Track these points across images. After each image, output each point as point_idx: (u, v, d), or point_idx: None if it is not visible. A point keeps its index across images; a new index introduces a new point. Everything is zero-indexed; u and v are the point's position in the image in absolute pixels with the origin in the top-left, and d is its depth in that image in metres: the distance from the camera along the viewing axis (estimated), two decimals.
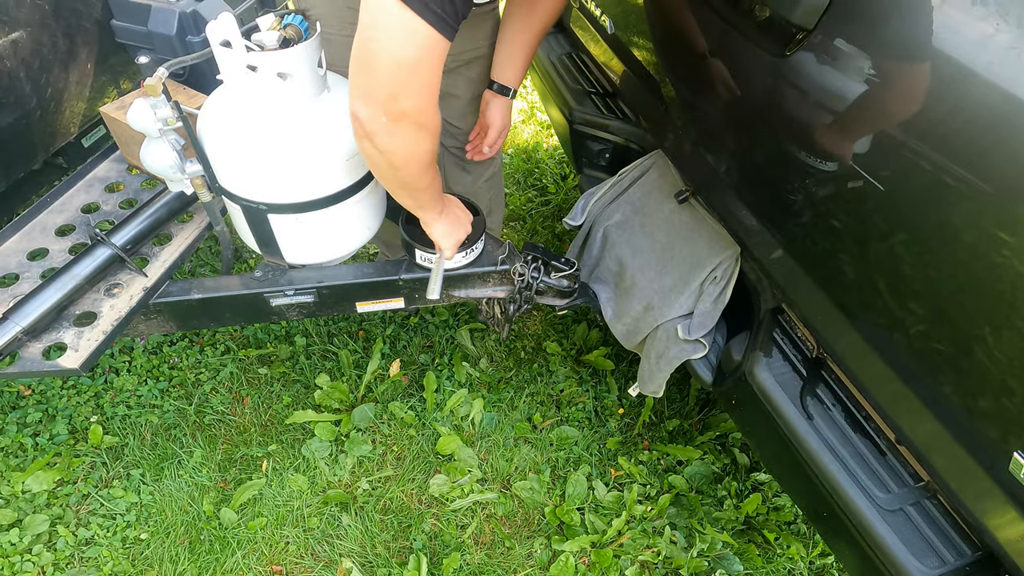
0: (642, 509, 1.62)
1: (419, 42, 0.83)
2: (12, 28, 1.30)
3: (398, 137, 0.95)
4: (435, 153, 1.02)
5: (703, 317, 1.28)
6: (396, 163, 1.00)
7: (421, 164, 1.02)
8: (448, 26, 0.84)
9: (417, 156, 0.99)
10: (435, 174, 1.10)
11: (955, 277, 0.78)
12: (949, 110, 0.75)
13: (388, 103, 0.90)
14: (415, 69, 0.87)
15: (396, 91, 0.88)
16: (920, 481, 0.98)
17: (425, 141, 0.97)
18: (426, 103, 0.92)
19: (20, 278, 1.26)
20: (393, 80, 0.87)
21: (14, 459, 1.60)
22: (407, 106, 0.90)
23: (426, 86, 0.90)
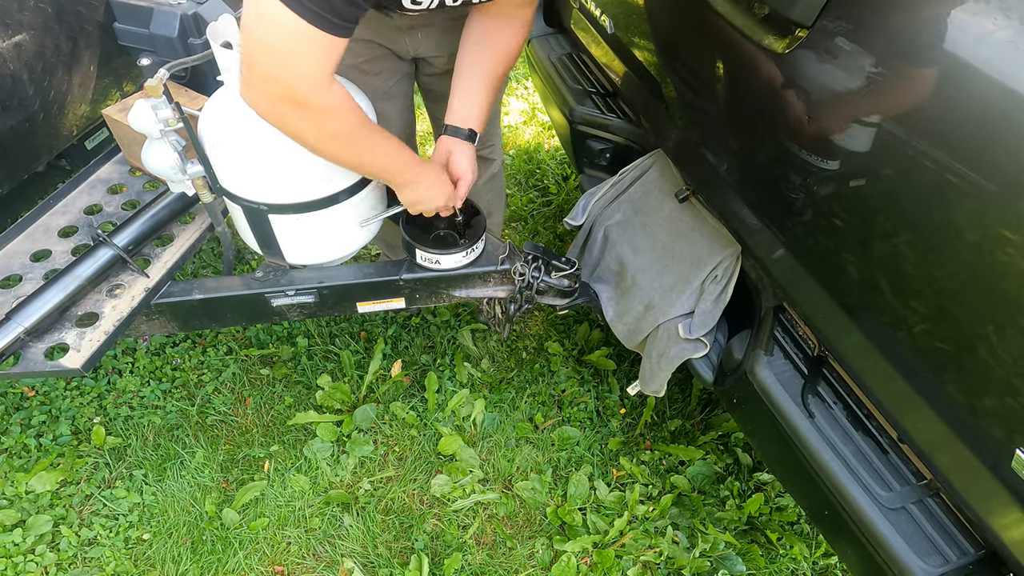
0: (644, 509, 1.62)
1: (283, 28, 0.83)
2: (16, 31, 1.31)
3: (282, 118, 0.95)
4: (349, 126, 0.99)
5: (704, 316, 1.28)
6: (300, 141, 1.01)
7: (327, 141, 1.00)
8: (319, 17, 0.83)
9: (315, 134, 0.98)
10: (372, 146, 1.06)
11: (958, 275, 0.78)
12: (950, 106, 0.75)
13: (261, 86, 0.91)
14: (282, 54, 0.86)
15: (266, 74, 0.89)
16: (922, 479, 0.98)
17: (314, 120, 0.95)
18: (303, 87, 0.90)
19: (23, 279, 1.26)
20: (262, 64, 0.88)
21: (18, 460, 1.61)
22: (279, 89, 0.90)
23: (299, 73, 0.89)
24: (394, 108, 1.49)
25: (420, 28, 1.34)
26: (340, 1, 0.83)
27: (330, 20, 0.84)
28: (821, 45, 0.88)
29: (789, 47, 0.92)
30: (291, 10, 0.81)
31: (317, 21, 0.83)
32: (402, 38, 1.35)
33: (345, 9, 0.84)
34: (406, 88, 1.50)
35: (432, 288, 1.39)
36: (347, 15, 0.85)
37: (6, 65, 1.31)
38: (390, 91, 1.44)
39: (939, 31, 0.75)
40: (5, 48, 1.29)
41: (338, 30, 0.86)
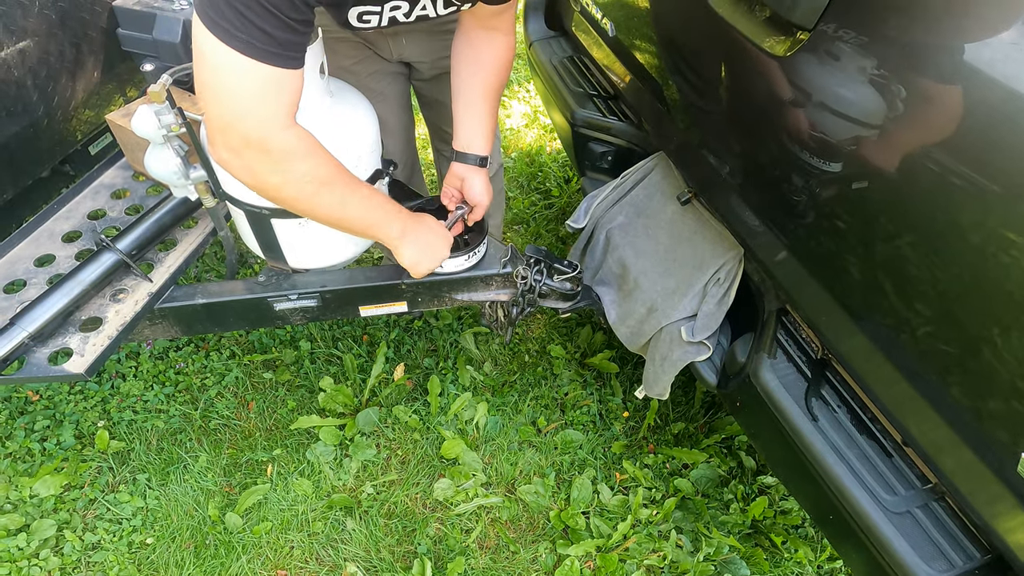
0: (647, 513, 1.61)
1: (227, 68, 0.79)
2: (20, 37, 1.31)
3: (250, 171, 0.90)
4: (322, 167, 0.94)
5: (707, 319, 1.28)
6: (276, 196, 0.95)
7: (303, 190, 0.94)
8: (259, 50, 0.78)
9: (288, 182, 0.92)
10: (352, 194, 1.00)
11: (962, 277, 0.77)
12: (952, 108, 0.74)
13: (221, 137, 0.87)
14: (232, 97, 0.82)
15: (222, 123, 0.85)
16: (927, 483, 0.97)
17: (282, 164, 0.90)
18: (259, 129, 0.85)
19: (27, 284, 1.27)
20: (216, 113, 0.85)
21: (22, 464, 1.61)
22: (237, 135, 0.85)
23: (253, 113, 0.84)
24: (389, 110, 1.49)
25: (403, 34, 1.34)
26: (278, 30, 0.79)
27: (272, 51, 0.80)
28: (823, 48, 0.88)
29: (790, 50, 0.92)
30: (231, 48, 0.77)
31: (259, 55, 0.79)
32: (384, 41, 1.36)
33: (284, 37, 0.80)
34: (400, 89, 1.50)
35: (434, 292, 1.39)
36: (287, 43, 0.81)
37: (11, 71, 1.31)
38: (383, 92, 1.45)
39: (940, 33, 0.75)
40: (10, 54, 1.30)
41: (283, 61, 0.82)
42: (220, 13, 0.76)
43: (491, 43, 1.18)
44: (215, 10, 0.76)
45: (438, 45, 1.38)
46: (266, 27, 0.77)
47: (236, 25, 0.76)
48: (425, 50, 1.39)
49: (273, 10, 0.77)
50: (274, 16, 0.77)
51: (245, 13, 0.76)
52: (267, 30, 0.78)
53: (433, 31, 1.35)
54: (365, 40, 1.35)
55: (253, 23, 0.76)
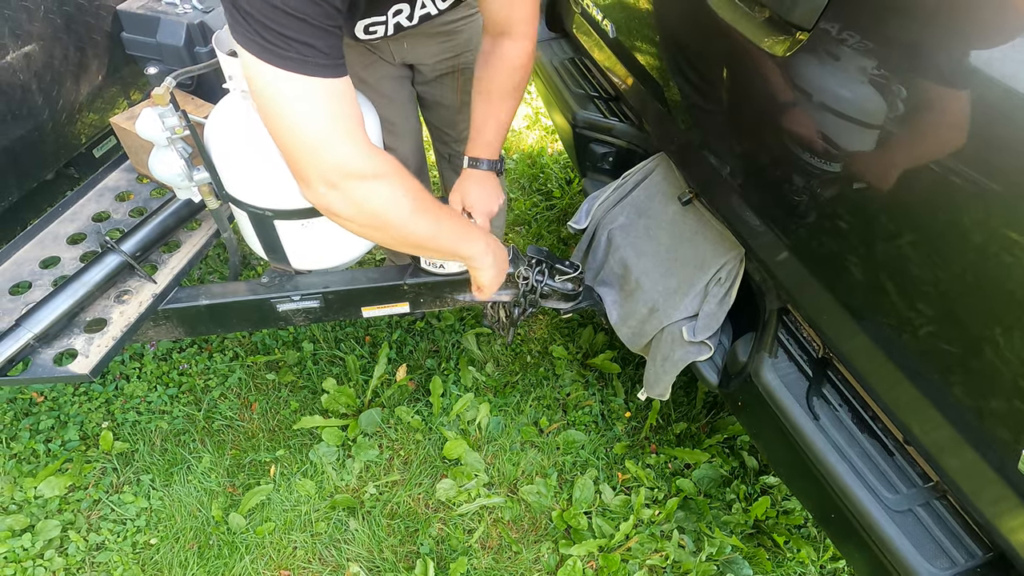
0: (650, 513, 1.61)
1: (295, 93, 0.77)
2: (26, 42, 1.33)
3: (345, 200, 0.86)
4: (408, 195, 0.90)
5: (708, 319, 1.28)
6: (378, 224, 0.91)
7: (397, 214, 0.90)
8: (315, 65, 0.77)
9: (382, 209, 0.89)
10: (439, 212, 0.97)
11: (963, 276, 0.78)
12: (952, 107, 0.75)
13: (311, 170, 0.84)
14: (303, 127, 0.80)
15: (306, 160, 0.82)
16: (929, 481, 0.97)
17: (377, 190, 0.86)
18: (348, 152, 0.82)
19: (32, 285, 1.28)
20: (297, 152, 0.82)
21: (27, 465, 1.62)
22: (325, 165, 0.82)
23: (333, 135, 0.81)
24: (398, 113, 1.50)
25: (404, 37, 1.35)
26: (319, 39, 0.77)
27: (322, 64, 0.78)
28: (822, 48, 0.88)
29: (790, 50, 0.93)
30: (289, 71, 0.76)
31: (313, 70, 0.77)
32: (386, 45, 1.37)
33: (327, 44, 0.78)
34: (407, 92, 1.51)
35: (436, 292, 1.39)
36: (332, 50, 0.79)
37: (16, 75, 1.33)
38: (391, 96, 1.45)
39: (939, 32, 0.76)
40: (15, 58, 1.31)
41: (335, 71, 0.80)
42: (264, 38, 0.74)
43: (502, 47, 1.15)
44: (259, 37, 0.74)
45: (438, 48, 1.39)
46: (307, 39, 0.76)
47: (281, 45, 0.75)
48: (426, 52, 1.39)
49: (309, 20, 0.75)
50: (312, 27, 0.76)
51: (285, 32, 0.74)
52: (309, 42, 0.76)
53: (432, 33, 1.36)
54: (368, 45, 1.36)
55: (295, 40, 0.75)
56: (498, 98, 1.20)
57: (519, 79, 1.17)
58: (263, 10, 0.73)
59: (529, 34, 1.13)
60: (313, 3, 0.74)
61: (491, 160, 1.27)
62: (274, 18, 0.73)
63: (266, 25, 0.73)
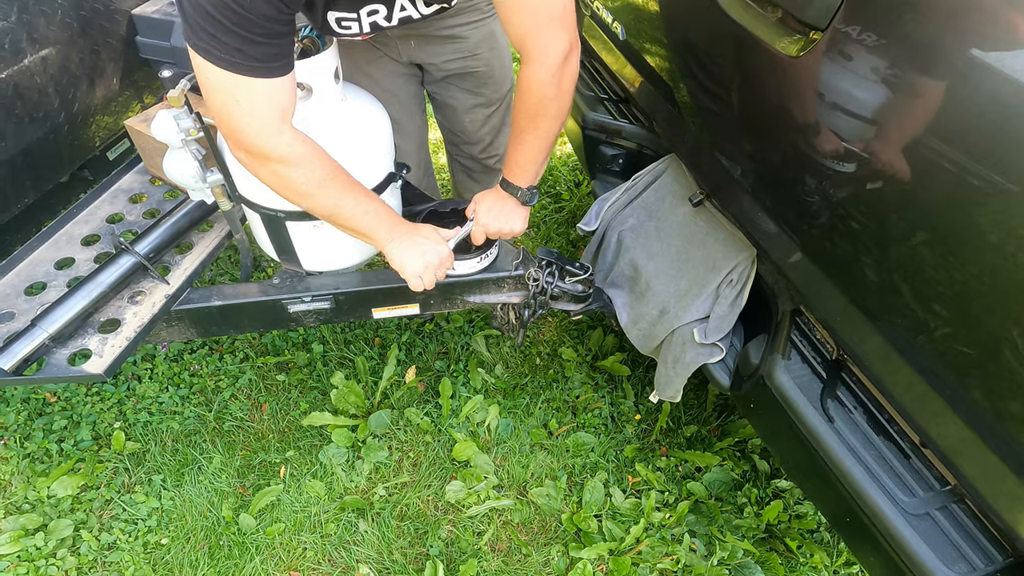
0: (660, 516, 1.60)
1: (218, 84, 0.89)
2: (43, 46, 1.34)
3: (259, 173, 1.01)
4: (318, 172, 1.01)
5: (720, 321, 1.27)
6: (283, 195, 1.05)
7: (301, 192, 1.02)
8: (237, 64, 0.86)
9: (290, 186, 1.01)
10: (346, 197, 1.06)
11: (980, 277, 0.77)
12: (968, 107, 0.74)
13: (231, 145, 0.99)
14: (230, 110, 0.91)
15: (227, 133, 0.97)
16: (947, 485, 0.96)
17: (281, 169, 0.98)
18: (255, 137, 0.94)
19: (47, 286, 1.29)
20: (223, 126, 0.96)
21: (40, 464, 1.63)
22: (242, 144, 0.96)
23: (248, 124, 0.93)
24: (402, 111, 1.50)
25: (411, 36, 1.36)
26: (250, 47, 0.86)
27: (251, 66, 0.87)
28: (836, 47, 0.88)
29: (803, 50, 0.92)
30: (217, 67, 0.86)
31: (240, 70, 0.87)
32: (392, 43, 1.37)
33: (260, 52, 0.87)
34: (413, 90, 1.51)
35: (447, 294, 1.40)
36: (265, 56, 0.88)
37: (33, 79, 1.34)
38: (396, 93, 1.46)
39: (956, 32, 0.75)
40: (33, 62, 1.33)
41: (264, 72, 0.89)
42: (200, 38, 0.85)
43: (522, 70, 1.09)
44: (197, 36, 0.85)
45: (444, 48, 1.39)
46: (240, 46, 0.85)
47: (216, 47, 0.85)
48: (433, 52, 1.40)
49: (242, 32, 0.84)
50: (244, 37, 0.84)
51: (220, 37, 0.84)
52: (242, 48, 0.85)
53: (439, 36, 1.36)
54: (375, 41, 1.37)
55: (229, 44, 0.84)
56: (517, 123, 1.15)
57: (534, 105, 1.09)
58: (204, 17, 0.82)
59: (541, 59, 1.03)
60: (247, 19, 0.83)
61: (513, 184, 1.23)
62: (212, 24, 0.83)
63: (204, 28, 0.83)
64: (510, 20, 1.02)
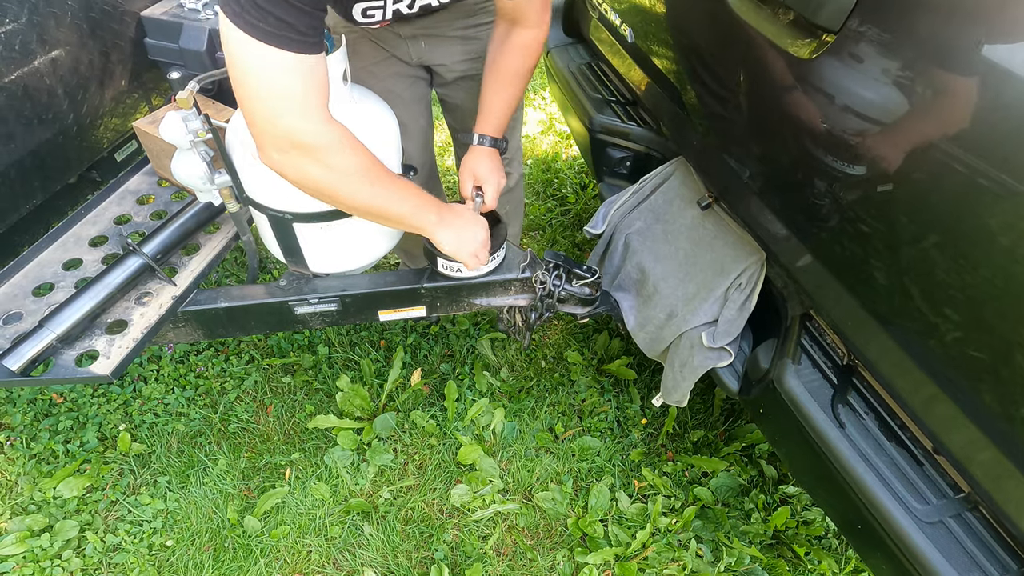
0: (667, 522, 1.59)
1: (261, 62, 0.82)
2: (53, 47, 1.35)
3: (298, 169, 0.94)
4: (354, 168, 0.97)
5: (728, 324, 1.26)
6: (321, 192, 0.99)
7: (340, 184, 0.97)
8: (284, 38, 0.81)
9: (324, 179, 0.95)
10: (391, 185, 1.04)
11: (993, 280, 0.76)
12: (983, 110, 0.73)
13: (264, 135, 0.90)
14: (268, 94, 0.85)
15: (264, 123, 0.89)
16: (960, 492, 0.95)
17: (322, 158, 0.92)
18: (297, 122, 0.88)
19: (55, 287, 1.29)
20: (258, 116, 0.88)
21: (46, 465, 1.63)
22: (280, 134, 0.89)
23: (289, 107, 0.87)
24: (407, 112, 1.50)
25: (423, 37, 1.36)
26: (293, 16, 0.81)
27: (292, 38, 0.83)
28: (849, 50, 0.87)
29: (816, 52, 0.91)
30: (256, 39, 0.81)
31: (282, 43, 0.82)
32: (403, 45, 1.37)
33: (302, 22, 0.83)
34: (419, 92, 1.51)
35: (453, 296, 1.39)
36: (307, 28, 0.84)
37: (43, 80, 1.35)
38: (401, 94, 1.46)
39: (970, 33, 0.74)
40: (42, 64, 1.33)
41: (305, 47, 0.84)
42: (242, 6, 0.80)
43: (514, 34, 1.22)
44: (240, 6, 0.80)
45: (456, 49, 1.39)
46: (286, 16, 0.81)
47: (257, 16, 0.80)
48: (445, 53, 1.40)
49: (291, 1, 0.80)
50: (291, 5, 0.81)
51: (267, 7, 0.80)
52: (286, 19, 0.81)
53: (452, 36, 1.36)
54: (383, 42, 1.37)
55: (274, 14, 0.80)
56: (509, 80, 1.26)
57: (531, 63, 1.25)
58: None
59: (542, 23, 1.20)
60: None
61: (496, 138, 1.32)
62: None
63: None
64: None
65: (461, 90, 1.48)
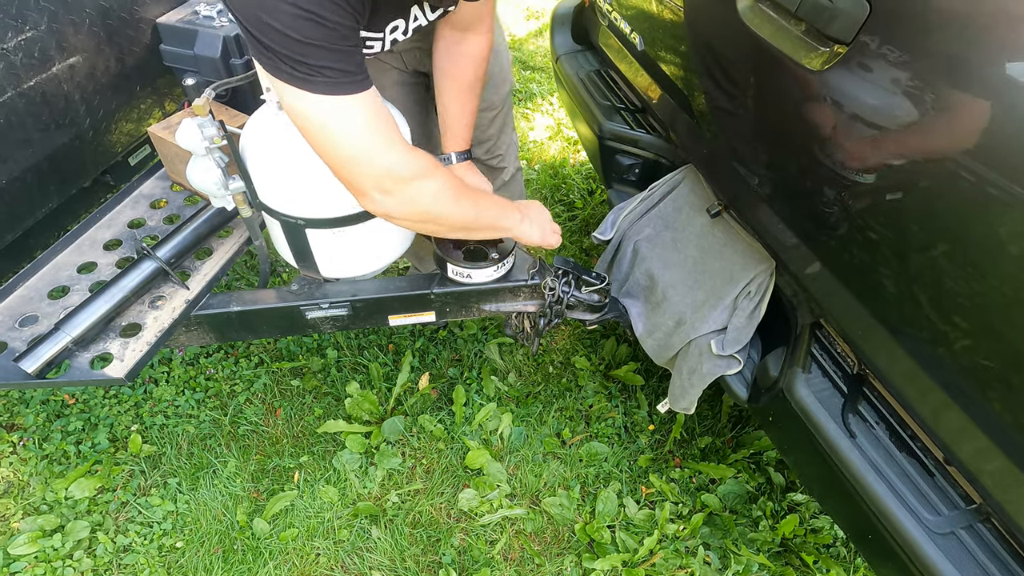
0: (674, 528, 1.59)
1: (332, 114, 0.83)
2: (71, 54, 1.37)
3: (400, 203, 0.95)
4: (449, 186, 0.99)
5: (737, 332, 1.26)
6: (429, 218, 1.01)
7: (445, 205, 1.00)
8: (344, 85, 0.83)
9: (432, 204, 0.98)
10: (475, 196, 1.08)
11: (1004, 288, 0.76)
12: (993, 121, 0.73)
13: (363, 182, 0.91)
14: (346, 143, 0.86)
15: (355, 174, 0.90)
16: (972, 503, 0.94)
17: (425, 188, 0.94)
18: (393, 159, 0.90)
19: (70, 290, 1.31)
20: (347, 161, 0.89)
21: (58, 466, 1.65)
22: (381, 171, 0.90)
23: (374, 145, 0.88)
24: (413, 120, 1.51)
25: (416, 49, 1.37)
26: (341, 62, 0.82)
27: (347, 82, 0.83)
28: (861, 61, 0.88)
29: (827, 63, 0.92)
30: (322, 95, 0.81)
31: (344, 89, 0.83)
32: (398, 57, 1.39)
33: (350, 64, 0.83)
34: (418, 96, 1.52)
35: (463, 302, 1.40)
36: (357, 67, 0.85)
37: (61, 86, 1.37)
38: (402, 100, 1.47)
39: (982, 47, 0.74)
40: (61, 69, 1.35)
41: (359, 85, 0.85)
42: (297, 69, 0.80)
43: (466, 43, 1.22)
44: (292, 67, 0.80)
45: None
46: (334, 64, 0.81)
47: (308, 71, 0.80)
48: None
49: (333, 46, 0.80)
50: (336, 51, 0.81)
51: (314, 62, 0.80)
52: (335, 66, 0.81)
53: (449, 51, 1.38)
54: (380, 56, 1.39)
55: (319, 65, 0.80)
56: (467, 90, 1.27)
57: (484, 69, 1.26)
58: (282, 42, 0.77)
59: (490, 28, 1.23)
60: (326, 28, 0.79)
61: (464, 152, 1.35)
62: (293, 48, 0.78)
63: (289, 56, 0.79)
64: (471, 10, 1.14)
65: None
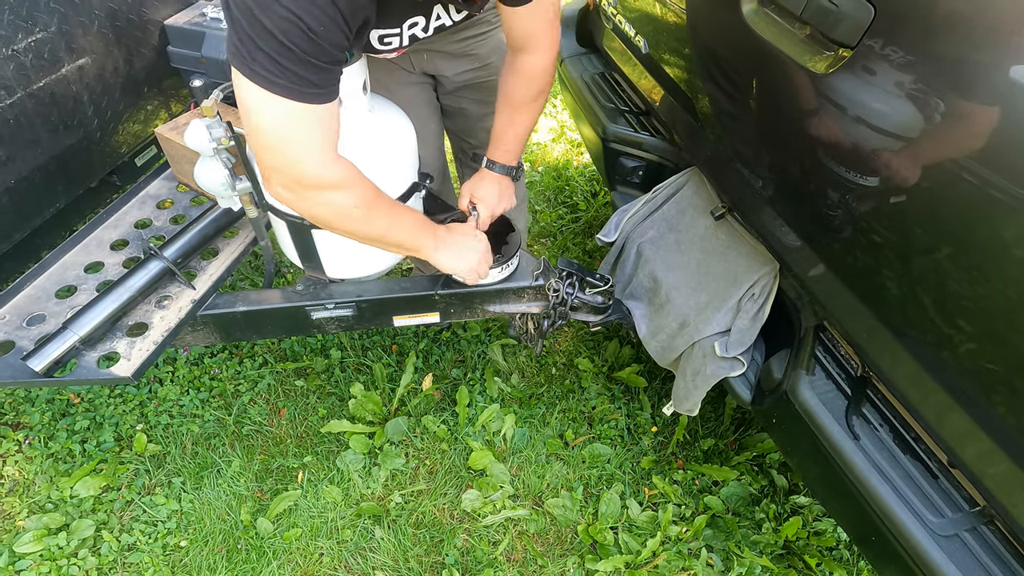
0: (677, 530, 1.59)
1: (279, 114, 0.85)
2: (80, 55, 1.38)
3: (303, 203, 0.97)
4: (363, 202, 1.00)
5: (741, 334, 1.27)
6: (331, 226, 1.03)
7: (351, 218, 1.01)
8: (300, 92, 0.83)
9: (340, 214, 0.99)
10: (393, 215, 1.08)
11: (1007, 291, 0.76)
12: (997, 125, 0.74)
13: (274, 177, 0.94)
14: (278, 139, 0.88)
15: (273, 164, 0.91)
16: (976, 506, 0.94)
17: (330, 196, 0.96)
18: (306, 166, 0.91)
19: (77, 289, 1.32)
20: (267, 156, 0.91)
21: (63, 464, 1.66)
22: (288, 175, 0.92)
23: (299, 153, 0.90)
24: (418, 118, 1.52)
25: (424, 51, 1.38)
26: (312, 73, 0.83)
27: (308, 92, 0.85)
28: (866, 65, 0.88)
29: (832, 67, 0.92)
30: (274, 94, 0.83)
31: (299, 96, 0.84)
32: (405, 57, 1.40)
33: (318, 78, 0.85)
34: (426, 97, 1.53)
35: (467, 303, 1.40)
36: (322, 82, 0.86)
37: (70, 87, 1.38)
38: (412, 101, 1.48)
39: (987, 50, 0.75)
40: (70, 71, 1.36)
41: (321, 98, 0.87)
42: (258, 63, 0.81)
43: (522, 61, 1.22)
44: (253, 60, 0.81)
45: (460, 62, 1.42)
46: (307, 74, 0.83)
47: (273, 70, 0.81)
48: (445, 66, 1.42)
49: (312, 60, 0.82)
50: (312, 64, 0.83)
51: (288, 65, 0.81)
52: (303, 74, 0.83)
53: (451, 53, 1.39)
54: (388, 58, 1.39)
55: (289, 69, 0.82)
56: (517, 107, 1.27)
57: (536, 89, 1.24)
58: (263, 37, 0.78)
59: (546, 47, 1.19)
60: (312, 42, 0.80)
61: (507, 165, 1.34)
62: (271, 46, 0.79)
63: (266, 53, 0.80)
64: (518, 23, 1.13)
65: (463, 99, 1.51)
